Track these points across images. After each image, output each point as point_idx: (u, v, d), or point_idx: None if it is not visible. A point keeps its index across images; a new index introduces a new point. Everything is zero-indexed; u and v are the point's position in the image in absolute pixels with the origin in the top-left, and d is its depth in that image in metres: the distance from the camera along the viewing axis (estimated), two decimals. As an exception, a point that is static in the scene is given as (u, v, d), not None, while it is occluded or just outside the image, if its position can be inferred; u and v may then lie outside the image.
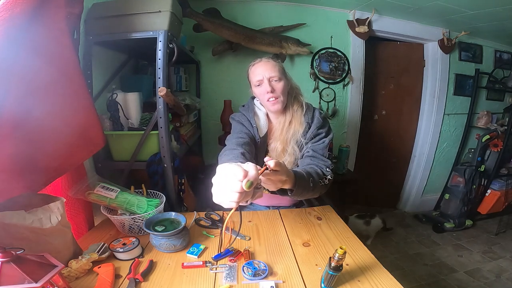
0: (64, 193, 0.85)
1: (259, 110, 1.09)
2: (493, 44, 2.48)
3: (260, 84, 1.01)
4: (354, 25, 2.07)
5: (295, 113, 1.05)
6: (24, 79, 0.61)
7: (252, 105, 1.10)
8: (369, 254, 0.79)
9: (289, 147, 1.03)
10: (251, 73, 1.05)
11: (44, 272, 0.49)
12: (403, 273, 1.84)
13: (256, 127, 1.05)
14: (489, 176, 2.43)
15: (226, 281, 0.67)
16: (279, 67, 1.02)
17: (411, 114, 2.58)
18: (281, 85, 1.00)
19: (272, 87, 0.99)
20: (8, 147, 0.60)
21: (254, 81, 1.02)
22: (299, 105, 1.07)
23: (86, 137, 0.86)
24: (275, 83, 1.00)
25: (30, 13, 0.57)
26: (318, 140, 1.02)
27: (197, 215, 1.02)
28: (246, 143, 0.94)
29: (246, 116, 1.08)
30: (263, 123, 1.07)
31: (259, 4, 1.97)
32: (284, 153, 1.04)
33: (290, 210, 1.11)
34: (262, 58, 1.04)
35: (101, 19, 1.03)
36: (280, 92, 1.00)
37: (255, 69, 1.02)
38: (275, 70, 1.00)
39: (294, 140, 1.03)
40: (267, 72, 0.99)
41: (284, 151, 1.04)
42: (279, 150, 1.04)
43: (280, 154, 1.04)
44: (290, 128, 1.04)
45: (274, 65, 1.01)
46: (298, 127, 1.03)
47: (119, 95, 1.09)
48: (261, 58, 1.04)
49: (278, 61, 1.04)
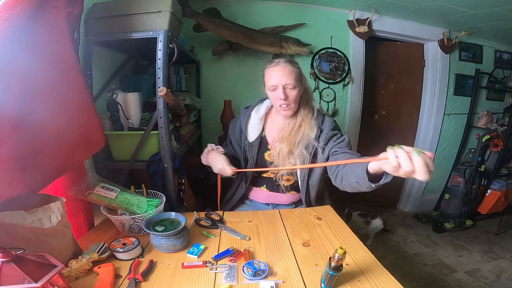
0: (64, 193, 0.85)
1: (256, 115, 1.14)
2: (493, 44, 2.48)
3: (274, 90, 1.02)
4: (354, 25, 2.07)
5: (306, 117, 1.07)
6: (24, 79, 0.61)
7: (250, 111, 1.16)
8: (369, 254, 0.79)
9: (296, 150, 1.04)
10: (266, 74, 1.05)
11: (44, 272, 0.49)
12: (403, 273, 1.84)
13: (246, 134, 1.14)
14: (489, 176, 2.43)
15: (226, 281, 0.67)
16: (295, 74, 1.01)
17: (411, 114, 2.58)
18: (294, 93, 1.01)
19: (286, 94, 1.00)
20: (8, 147, 0.60)
21: (268, 84, 1.03)
22: (310, 110, 1.09)
23: (86, 137, 0.86)
24: (289, 91, 1.01)
25: (30, 13, 0.57)
26: (337, 139, 1.04)
27: (197, 215, 1.02)
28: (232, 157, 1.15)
29: (240, 123, 1.16)
30: (254, 127, 1.13)
31: (259, 4, 1.96)
32: (290, 155, 1.06)
33: (290, 210, 1.11)
34: (280, 61, 1.02)
35: (101, 19, 1.03)
36: (292, 100, 1.02)
37: (271, 72, 1.02)
38: (291, 77, 1.00)
39: (303, 144, 1.05)
40: (283, 78, 0.99)
41: (290, 153, 1.05)
42: (284, 152, 1.05)
43: (285, 156, 1.05)
44: (299, 131, 1.06)
45: (290, 72, 1.00)
46: (308, 131, 1.05)
47: (119, 95, 1.09)
48: (279, 60, 1.03)
49: (296, 66, 1.03)
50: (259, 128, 1.13)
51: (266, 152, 1.14)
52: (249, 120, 1.15)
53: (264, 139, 1.14)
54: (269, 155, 1.13)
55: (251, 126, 1.14)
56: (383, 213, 2.39)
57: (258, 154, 1.14)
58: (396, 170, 0.59)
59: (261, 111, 1.15)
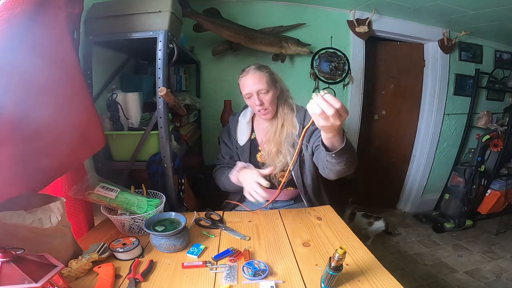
0: (64, 193, 0.85)
1: (243, 119, 1.19)
2: (493, 44, 2.48)
3: (250, 97, 1.06)
4: (354, 25, 2.07)
5: (286, 116, 1.11)
6: (24, 79, 0.61)
7: (237, 116, 1.21)
8: (369, 254, 0.79)
9: (283, 149, 1.08)
10: (240, 84, 1.09)
11: (44, 272, 0.49)
12: (403, 273, 1.84)
13: (235, 138, 1.18)
14: (489, 176, 2.43)
15: (226, 281, 0.67)
16: (266, 78, 1.05)
17: (411, 114, 2.58)
18: (269, 96, 1.05)
19: (260, 100, 1.04)
20: (8, 147, 0.60)
21: (243, 93, 1.08)
22: (289, 108, 1.12)
23: (86, 137, 0.86)
24: (263, 96, 1.05)
25: (31, 13, 0.57)
26: (318, 133, 1.00)
27: (197, 215, 1.02)
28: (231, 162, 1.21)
29: (229, 129, 1.23)
30: (243, 131, 1.18)
31: (259, 4, 1.96)
32: (278, 154, 1.09)
33: (290, 210, 1.11)
34: (250, 69, 1.06)
35: (101, 19, 1.03)
36: (268, 103, 1.06)
37: (244, 81, 1.06)
38: (263, 82, 1.03)
39: (288, 142, 1.08)
40: (255, 85, 1.03)
41: (278, 152, 1.09)
42: (273, 152, 1.08)
43: (274, 156, 1.09)
44: (283, 130, 1.09)
45: (261, 77, 1.04)
46: (291, 129, 1.09)
47: (119, 95, 1.09)
48: (249, 68, 1.07)
49: (265, 71, 1.06)
50: (248, 131, 1.18)
51: (258, 153, 1.17)
52: (238, 125, 1.20)
53: (254, 141, 1.19)
54: (260, 156, 1.17)
55: (240, 130, 1.19)
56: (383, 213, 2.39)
57: (250, 156, 1.17)
58: (323, 118, 0.65)
59: (247, 115, 1.20)
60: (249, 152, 1.17)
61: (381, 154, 2.66)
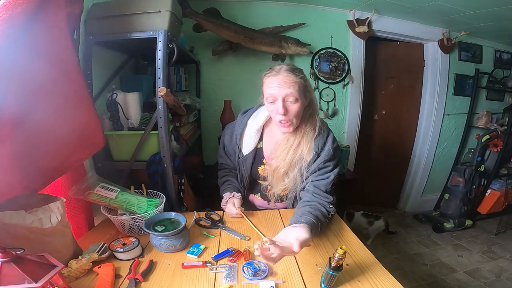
0: (64, 193, 0.85)
1: (253, 123, 1.02)
2: (493, 44, 2.48)
3: (273, 102, 0.88)
4: (354, 25, 2.07)
5: (305, 135, 0.94)
6: (24, 79, 0.61)
7: (247, 118, 1.04)
8: (369, 254, 0.79)
9: (292, 173, 0.95)
10: (265, 83, 0.91)
11: (44, 272, 0.49)
12: (403, 273, 1.84)
13: (240, 146, 1.04)
14: (489, 176, 2.43)
15: (226, 281, 0.67)
16: (299, 85, 0.87)
17: (411, 114, 2.58)
18: (296, 106, 0.87)
19: (285, 108, 0.86)
20: (8, 147, 0.60)
21: (266, 94, 0.90)
22: (312, 127, 0.94)
23: (86, 137, 0.86)
24: (290, 104, 0.87)
25: (30, 13, 0.57)
26: (322, 174, 0.94)
27: (197, 215, 1.02)
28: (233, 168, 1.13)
29: (234, 132, 1.06)
30: (250, 139, 1.02)
31: (259, 4, 1.97)
32: (285, 177, 0.97)
33: (290, 210, 1.11)
34: (282, 69, 0.88)
35: (101, 19, 1.03)
36: (293, 115, 0.88)
37: (271, 81, 0.88)
38: (294, 89, 0.85)
39: (298, 168, 0.95)
40: (284, 90, 0.85)
41: (285, 174, 0.96)
42: (281, 172, 0.96)
43: (280, 177, 0.97)
44: (298, 150, 0.94)
45: (293, 82, 0.86)
46: (306, 152, 0.93)
47: (119, 95, 1.09)
48: (280, 68, 0.88)
49: (300, 76, 0.88)
50: (255, 140, 1.02)
51: (261, 166, 1.05)
52: (245, 129, 1.03)
53: (260, 151, 1.04)
54: (263, 170, 1.05)
55: (246, 137, 1.03)
56: (383, 213, 2.39)
57: (252, 168, 1.06)
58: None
59: (259, 119, 1.02)
60: (251, 163, 1.04)
61: (381, 154, 2.66)
